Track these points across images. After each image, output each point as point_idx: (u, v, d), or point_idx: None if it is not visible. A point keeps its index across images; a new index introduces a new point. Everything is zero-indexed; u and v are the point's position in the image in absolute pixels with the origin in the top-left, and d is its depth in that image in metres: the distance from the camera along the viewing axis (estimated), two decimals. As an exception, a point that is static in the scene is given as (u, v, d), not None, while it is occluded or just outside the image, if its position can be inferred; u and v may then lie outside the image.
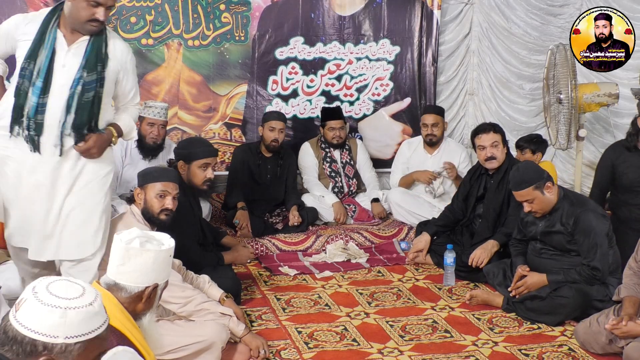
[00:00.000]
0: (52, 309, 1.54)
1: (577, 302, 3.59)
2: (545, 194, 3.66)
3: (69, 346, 1.54)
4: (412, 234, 5.02)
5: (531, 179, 3.65)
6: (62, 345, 1.54)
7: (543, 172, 3.71)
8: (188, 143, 4.01)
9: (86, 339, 1.57)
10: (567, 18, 5.79)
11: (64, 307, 1.55)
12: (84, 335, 1.57)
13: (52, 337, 1.53)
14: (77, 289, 1.60)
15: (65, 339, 1.54)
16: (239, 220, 4.88)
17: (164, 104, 4.83)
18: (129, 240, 2.23)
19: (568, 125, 4.72)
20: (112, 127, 3.20)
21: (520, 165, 3.90)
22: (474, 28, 6.16)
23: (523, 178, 3.68)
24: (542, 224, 3.77)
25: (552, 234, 3.73)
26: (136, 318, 2.24)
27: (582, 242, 3.62)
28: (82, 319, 1.57)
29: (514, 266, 3.94)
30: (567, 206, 3.68)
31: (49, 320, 1.53)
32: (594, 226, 3.59)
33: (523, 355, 3.33)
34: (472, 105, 6.34)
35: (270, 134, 5.08)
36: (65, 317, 1.54)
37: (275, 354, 3.30)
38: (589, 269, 3.59)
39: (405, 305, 3.95)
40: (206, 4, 5.47)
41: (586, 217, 3.61)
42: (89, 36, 3.05)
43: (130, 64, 3.26)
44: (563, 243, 3.70)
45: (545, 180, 3.66)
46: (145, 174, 3.36)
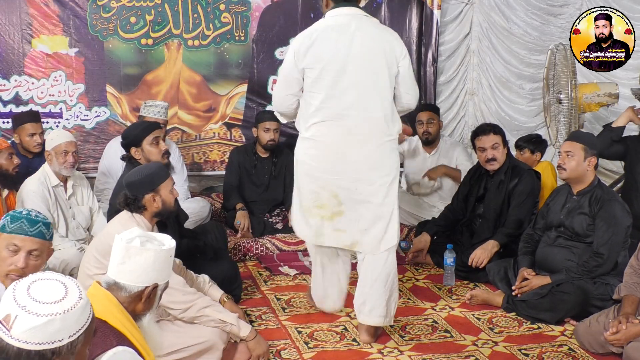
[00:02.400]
0: (52, 318, 1.53)
1: (578, 298, 3.60)
2: (584, 163, 3.73)
3: (74, 342, 1.56)
4: (412, 234, 5.02)
5: (588, 141, 3.78)
6: (67, 344, 1.55)
7: (598, 149, 3.82)
8: (128, 131, 3.90)
9: (85, 329, 1.59)
10: (567, 18, 5.79)
11: (62, 312, 1.54)
12: (83, 326, 1.59)
13: (57, 342, 1.53)
14: (59, 288, 1.59)
15: (69, 338, 1.55)
16: (240, 221, 4.87)
17: (164, 103, 4.84)
18: (130, 239, 2.23)
19: (568, 125, 4.72)
20: None
21: (587, 131, 4.07)
22: (474, 28, 6.16)
23: (582, 136, 3.87)
24: (569, 205, 3.80)
25: (577, 214, 3.75)
26: (136, 318, 2.24)
27: (600, 227, 3.65)
28: (80, 314, 1.58)
29: (518, 265, 3.93)
30: (599, 191, 3.75)
31: (51, 329, 1.53)
32: (616, 215, 3.64)
33: (523, 355, 3.33)
34: (472, 105, 6.34)
35: (265, 134, 5.06)
36: (65, 321, 1.54)
37: (275, 354, 3.30)
38: (594, 254, 3.61)
39: (405, 305, 3.95)
40: (206, 4, 5.48)
41: (612, 205, 3.66)
42: None
43: None
44: (584, 226, 3.73)
45: (593, 155, 3.75)
46: (152, 177, 3.17)
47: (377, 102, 3.26)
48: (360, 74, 3.23)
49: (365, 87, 3.24)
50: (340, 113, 3.24)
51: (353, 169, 3.29)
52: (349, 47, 3.22)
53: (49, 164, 4.03)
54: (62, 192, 4.11)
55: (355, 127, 3.25)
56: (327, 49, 3.23)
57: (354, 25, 3.24)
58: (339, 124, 3.25)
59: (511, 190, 4.35)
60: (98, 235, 3.41)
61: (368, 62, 3.23)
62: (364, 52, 3.23)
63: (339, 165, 3.30)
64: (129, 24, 5.38)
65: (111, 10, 5.33)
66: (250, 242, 4.78)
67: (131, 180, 3.17)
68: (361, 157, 3.29)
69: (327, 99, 3.24)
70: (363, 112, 3.24)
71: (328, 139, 3.29)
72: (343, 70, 3.22)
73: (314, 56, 3.24)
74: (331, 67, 3.22)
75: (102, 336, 2.05)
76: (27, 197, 3.91)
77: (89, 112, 5.43)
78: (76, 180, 4.22)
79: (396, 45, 3.29)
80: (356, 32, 3.23)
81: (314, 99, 3.27)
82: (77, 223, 4.17)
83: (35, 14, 5.21)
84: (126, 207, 3.16)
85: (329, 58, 3.23)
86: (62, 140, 4.04)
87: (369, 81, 3.24)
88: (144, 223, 3.13)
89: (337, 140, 3.27)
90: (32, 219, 2.53)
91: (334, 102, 3.24)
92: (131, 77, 5.47)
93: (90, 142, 5.44)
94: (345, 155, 3.29)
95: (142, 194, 3.14)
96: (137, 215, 3.15)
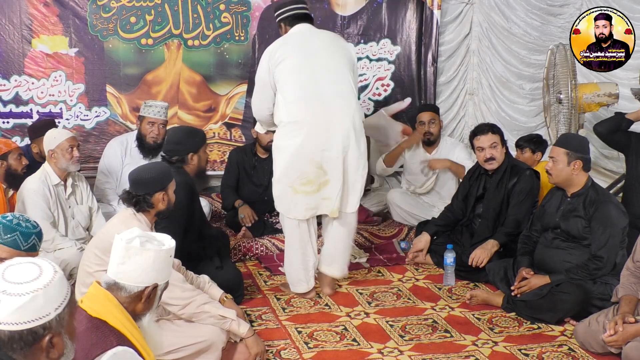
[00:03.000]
0: (35, 294, 1.57)
1: (578, 299, 3.59)
2: (569, 166, 3.71)
3: (61, 314, 1.61)
4: (412, 234, 5.02)
5: (571, 145, 3.75)
6: (55, 317, 1.59)
7: (585, 152, 3.78)
8: (189, 133, 3.92)
9: (69, 299, 1.64)
10: (567, 18, 5.78)
11: (43, 287, 1.59)
12: (65, 297, 1.63)
13: (45, 316, 1.57)
14: (32, 267, 1.63)
15: (55, 310, 1.60)
16: (244, 214, 4.87)
17: (164, 103, 4.84)
18: (130, 239, 2.23)
19: (568, 125, 4.72)
20: None
21: (576, 134, 4.04)
22: (474, 28, 6.16)
23: (566, 139, 3.83)
24: (564, 208, 3.80)
25: (572, 217, 3.75)
26: (136, 318, 2.24)
27: (596, 229, 3.64)
28: (60, 286, 1.62)
29: (517, 265, 3.94)
30: (592, 193, 3.73)
31: (36, 305, 1.56)
32: (612, 217, 3.63)
33: (523, 355, 3.33)
34: (472, 105, 6.34)
35: (265, 136, 5.06)
36: (48, 294, 1.58)
37: (275, 354, 3.30)
38: (593, 257, 3.61)
39: (405, 305, 3.95)
40: (206, 4, 5.48)
41: (607, 207, 3.65)
42: None
43: None
44: (579, 228, 3.72)
45: (579, 159, 3.71)
46: (163, 176, 3.22)
47: (345, 81, 3.86)
48: (327, 58, 3.85)
49: (334, 70, 3.85)
50: (317, 94, 3.79)
51: (332, 139, 3.79)
52: (315, 41, 3.90)
53: (54, 163, 4.04)
54: (62, 191, 4.12)
55: (330, 104, 3.80)
56: (295, 46, 3.85)
57: (311, 32, 3.96)
58: (317, 104, 3.78)
59: (510, 190, 4.35)
60: (98, 233, 3.42)
61: (331, 49, 3.90)
62: (327, 43, 3.93)
63: (321, 138, 3.78)
64: (129, 24, 5.38)
65: (111, 10, 5.33)
66: (250, 242, 4.78)
67: (142, 178, 3.17)
68: (337, 128, 3.80)
69: (305, 84, 3.79)
70: (335, 90, 3.82)
71: (311, 118, 3.77)
72: (312, 57, 3.83)
73: (284, 53, 3.80)
74: (301, 57, 3.81)
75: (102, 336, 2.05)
76: (27, 195, 3.92)
77: (89, 112, 5.43)
78: (75, 180, 4.22)
79: (346, 44, 4.11)
80: (316, 33, 3.97)
81: (292, 89, 3.79)
82: (77, 222, 4.18)
83: (35, 14, 5.21)
84: (132, 205, 3.15)
85: (298, 51, 3.82)
86: (64, 138, 4.06)
87: (336, 64, 3.86)
88: (145, 222, 3.13)
89: (316, 117, 3.77)
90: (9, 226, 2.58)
91: (310, 86, 3.79)
92: (131, 77, 5.47)
93: (90, 142, 5.44)
94: (324, 128, 3.79)
95: (153, 192, 3.15)
96: (140, 213, 3.16)
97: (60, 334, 1.61)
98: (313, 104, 3.79)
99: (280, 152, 3.89)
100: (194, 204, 3.83)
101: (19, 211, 3.94)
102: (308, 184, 3.84)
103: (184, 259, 3.49)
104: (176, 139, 3.80)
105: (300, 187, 3.84)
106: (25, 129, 5.16)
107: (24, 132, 5.21)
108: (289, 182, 3.85)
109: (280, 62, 3.79)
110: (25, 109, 5.20)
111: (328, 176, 3.84)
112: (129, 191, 3.18)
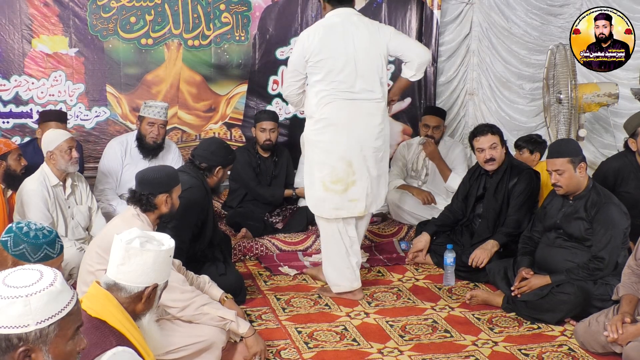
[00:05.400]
0: (13, 300, 1.53)
1: (578, 299, 3.59)
2: (576, 172, 3.70)
3: (43, 330, 1.54)
4: (412, 234, 5.02)
5: (569, 151, 3.71)
6: (35, 331, 1.54)
7: (581, 152, 3.76)
8: (225, 149, 3.97)
9: (58, 319, 1.57)
10: (567, 18, 5.79)
11: (25, 295, 1.54)
12: (54, 316, 1.57)
13: (22, 327, 1.52)
14: (34, 275, 1.60)
15: (36, 325, 1.54)
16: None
17: (164, 104, 4.83)
18: (129, 240, 2.23)
19: (568, 125, 4.72)
20: None
21: (563, 138, 3.97)
22: (474, 28, 6.16)
23: (562, 148, 3.75)
24: (565, 210, 3.79)
25: (574, 219, 3.75)
26: (136, 318, 2.24)
27: (598, 231, 3.64)
28: (47, 301, 1.56)
29: (517, 265, 3.93)
30: (594, 195, 3.72)
31: (14, 312, 1.52)
32: (614, 218, 3.62)
33: (523, 355, 3.33)
34: (472, 105, 6.34)
35: (262, 134, 5.07)
36: (29, 305, 1.53)
37: (275, 354, 3.30)
38: (594, 258, 3.61)
39: (405, 305, 3.95)
40: (206, 4, 5.48)
41: (609, 209, 3.64)
42: None
43: None
44: (581, 230, 3.72)
45: (581, 160, 3.71)
46: (169, 178, 3.23)
47: (377, 85, 3.91)
48: (363, 62, 3.85)
49: (369, 74, 3.87)
50: (350, 96, 3.86)
51: (361, 139, 3.89)
52: (352, 42, 3.83)
53: (52, 164, 4.03)
54: (61, 191, 4.11)
55: (362, 106, 3.88)
56: (334, 43, 3.82)
57: (351, 24, 3.87)
58: (349, 105, 3.86)
59: (510, 190, 4.35)
60: (100, 232, 3.42)
61: (368, 52, 3.86)
62: (364, 45, 3.85)
63: (351, 138, 3.87)
64: (129, 24, 5.38)
65: (111, 10, 5.33)
66: (250, 242, 4.78)
67: (148, 178, 3.19)
68: (366, 130, 3.90)
69: (339, 85, 3.84)
70: (368, 94, 3.88)
71: (341, 118, 3.86)
72: (350, 61, 3.82)
73: (322, 50, 3.81)
74: (340, 59, 3.82)
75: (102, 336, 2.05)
76: (26, 196, 3.91)
77: (89, 112, 5.43)
78: (75, 180, 4.22)
79: (382, 34, 3.92)
80: (355, 29, 3.86)
81: (326, 86, 3.85)
82: (76, 222, 4.17)
83: (35, 14, 5.20)
84: (136, 203, 3.16)
85: (337, 51, 3.81)
86: (63, 139, 4.06)
87: (371, 68, 3.87)
88: (147, 222, 3.14)
89: (348, 118, 3.86)
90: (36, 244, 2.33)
91: (344, 87, 3.84)
92: (131, 77, 5.46)
93: (90, 142, 5.44)
94: (354, 129, 3.87)
95: (156, 193, 3.16)
96: (143, 214, 3.17)
97: (41, 350, 1.54)
98: (344, 105, 3.85)
99: (313, 146, 3.97)
100: (208, 209, 3.85)
101: (18, 212, 3.95)
102: (338, 182, 3.91)
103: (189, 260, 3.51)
104: (212, 149, 3.87)
105: (331, 185, 3.91)
106: (25, 129, 5.16)
107: (24, 132, 5.21)
108: (321, 176, 3.92)
109: (315, 56, 3.82)
110: (25, 109, 5.19)
111: (356, 176, 3.91)
112: (134, 189, 3.19)
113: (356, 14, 3.95)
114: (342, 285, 4.01)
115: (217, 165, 3.83)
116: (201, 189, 3.75)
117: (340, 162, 3.89)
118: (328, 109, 3.86)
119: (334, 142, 3.88)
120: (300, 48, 3.88)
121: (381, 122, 3.95)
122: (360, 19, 3.95)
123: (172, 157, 4.90)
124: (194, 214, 3.68)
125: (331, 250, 4.03)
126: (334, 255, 4.02)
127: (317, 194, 3.96)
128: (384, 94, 3.95)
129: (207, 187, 3.83)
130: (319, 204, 3.97)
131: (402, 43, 3.95)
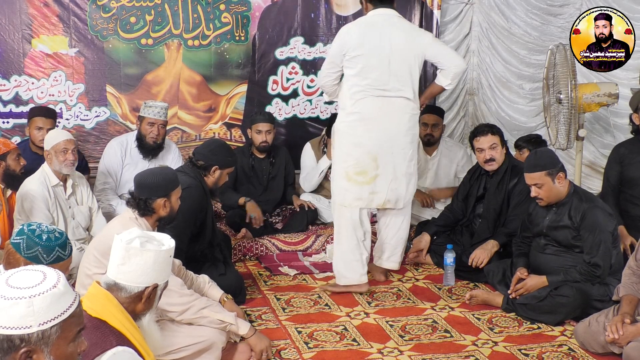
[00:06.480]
0: (17, 301, 1.53)
1: (577, 302, 3.59)
2: (555, 183, 3.68)
3: (46, 332, 1.54)
4: (412, 234, 5.01)
5: (545, 164, 3.68)
6: (37, 333, 1.54)
7: (558, 162, 3.73)
8: (225, 150, 3.96)
9: (60, 321, 1.57)
10: (567, 18, 5.78)
11: (28, 296, 1.54)
12: (56, 317, 1.57)
13: (25, 328, 1.52)
14: (37, 276, 1.59)
15: (38, 326, 1.54)
16: (254, 214, 4.83)
17: (163, 104, 4.84)
18: (130, 240, 2.23)
19: (568, 125, 4.72)
20: None
21: (538, 149, 3.96)
22: (474, 28, 6.16)
23: (538, 162, 3.71)
24: (550, 218, 3.77)
25: (559, 228, 3.73)
26: (136, 318, 2.24)
27: (586, 237, 3.63)
28: (50, 302, 1.56)
29: (514, 266, 3.93)
30: (576, 201, 3.70)
31: (17, 313, 1.52)
32: (600, 223, 3.61)
33: (523, 355, 3.33)
34: (472, 105, 6.34)
35: (257, 136, 5.06)
36: (32, 306, 1.53)
37: (275, 354, 3.30)
38: (589, 265, 3.59)
39: (405, 305, 3.95)
40: (206, 4, 5.48)
41: (593, 213, 3.63)
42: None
43: None
44: (569, 238, 3.71)
45: (559, 170, 3.68)
46: (168, 182, 3.18)
47: (409, 85, 4.04)
48: (398, 63, 3.98)
49: (402, 73, 4.00)
50: (382, 93, 3.99)
51: (390, 135, 4.03)
52: (389, 42, 3.96)
53: (48, 163, 4.04)
54: (62, 191, 4.12)
55: (393, 102, 4.01)
56: (371, 41, 3.95)
57: (391, 24, 4.00)
58: (381, 101, 4.00)
59: (511, 190, 4.35)
60: (98, 235, 3.41)
61: (403, 54, 3.99)
62: (400, 47, 3.98)
63: (380, 133, 4.01)
64: (129, 24, 5.37)
65: (111, 10, 5.33)
66: (250, 242, 4.78)
67: (146, 182, 3.15)
68: (396, 127, 4.03)
69: (373, 82, 3.97)
70: (399, 92, 4.01)
71: (372, 113, 4.00)
72: (386, 60, 3.96)
73: (359, 46, 3.94)
74: (376, 57, 3.95)
75: (102, 336, 2.05)
76: (26, 196, 3.91)
77: (89, 112, 5.43)
78: (75, 180, 4.22)
79: (421, 39, 4.06)
80: (393, 30, 3.99)
81: (360, 82, 3.98)
82: (77, 223, 4.17)
83: (35, 14, 5.20)
84: (135, 207, 3.14)
85: (373, 49, 3.94)
86: (61, 139, 4.05)
87: (404, 69, 4.01)
88: (146, 226, 3.11)
89: (379, 113, 4.00)
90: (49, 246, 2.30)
91: (377, 84, 3.98)
92: (131, 77, 5.46)
93: (90, 142, 5.44)
94: (384, 125, 4.01)
95: (155, 197, 3.13)
96: (141, 218, 3.14)
97: (43, 352, 1.54)
98: (377, 102, 3.99)
99: (341, 136, 4.10)
100: (207, 210, 3.85)
101: (18, 212, 3.95)
102: (362, 174, 4.04)
103: (189, 260, 3.50)
104: (212, 148, 3.90)
105: (354, 176, 4.05)
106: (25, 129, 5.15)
107: (24, 132, 5.20)
108: (345, 166, 4.06)
109: (352, 51, 3.94)
110: (25, 109, 5.18)
111: (379, 170, 4.05)
112: (132, 193, 3.17)
113: (397, 16, 4.06)
114: (350, 278, 4.08)
115: (214, 165, 3.81)
116: (199, 189, 3.75)
117: (366, 156, 4.02)
118: (361, 104, 4.00)
119: (364, 136, 4.01)
120: (339, 41, 4.01)
121: (410, 119, 4.07)
122: (401, 21, 4.09)
123: (172, 157, 4.90)
124: (192, 214, 3.68)
125: (343, 241, 4.12)
126: (345, 246, 4.10)
127: (341, 182, 4.10)
128: (415, 95, 4.07)
129: (205, 187, 3.82)
130: (342, 192, 4.10)
131: (441, 51, 4.09)
